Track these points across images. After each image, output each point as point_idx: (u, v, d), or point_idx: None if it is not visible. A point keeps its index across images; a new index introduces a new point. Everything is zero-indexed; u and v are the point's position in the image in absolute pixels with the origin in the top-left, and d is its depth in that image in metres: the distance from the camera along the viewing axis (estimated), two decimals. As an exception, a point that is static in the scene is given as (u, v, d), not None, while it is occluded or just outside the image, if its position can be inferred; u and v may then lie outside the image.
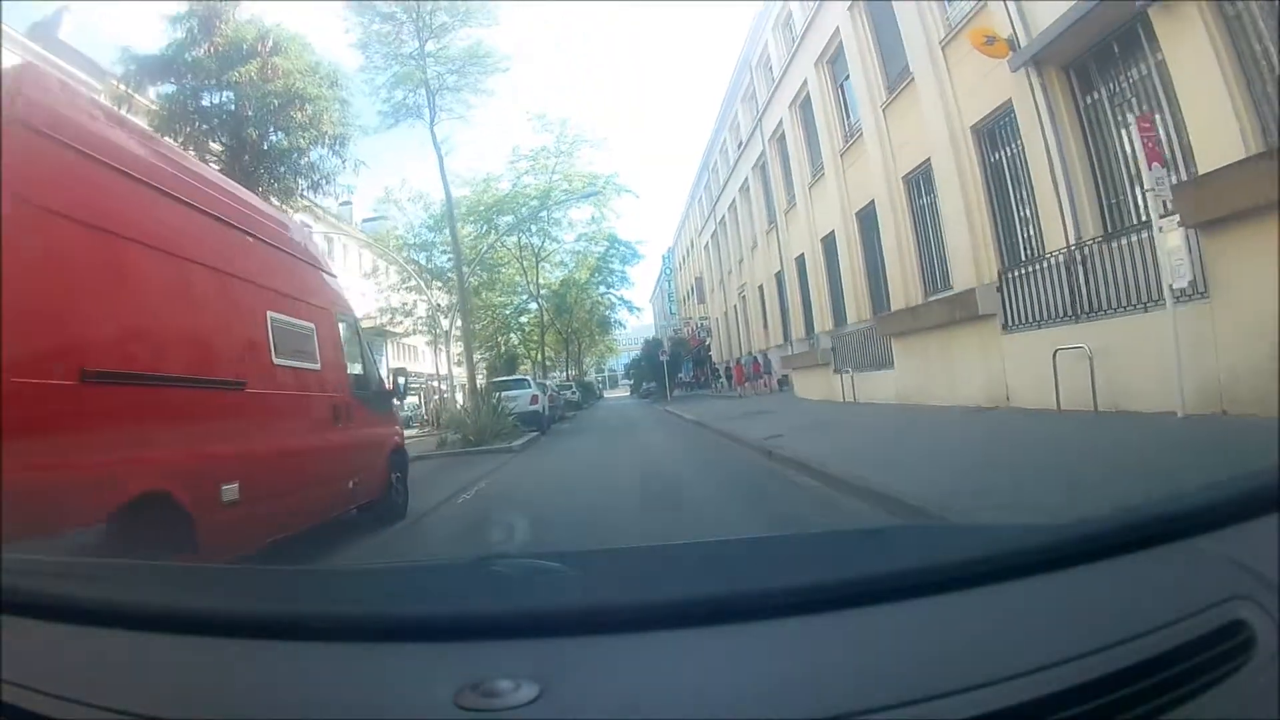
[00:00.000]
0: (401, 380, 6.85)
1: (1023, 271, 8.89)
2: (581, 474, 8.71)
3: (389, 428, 6.74)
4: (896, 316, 12.37)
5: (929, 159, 11.57)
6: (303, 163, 14.81)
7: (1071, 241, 8.09)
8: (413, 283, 25.34)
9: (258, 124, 14.05)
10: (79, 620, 0.88)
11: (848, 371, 14.23)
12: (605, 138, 33.67)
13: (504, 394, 15.88)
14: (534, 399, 17.36)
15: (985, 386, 9.52)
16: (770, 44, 20.69)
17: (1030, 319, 8.62)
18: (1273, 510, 0.86)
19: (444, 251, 27.13)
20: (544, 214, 29.86)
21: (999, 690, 0.64)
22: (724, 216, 32.02)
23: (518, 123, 62.16)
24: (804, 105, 18.30)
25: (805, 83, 17.39)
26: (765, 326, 26.39)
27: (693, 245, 44.36)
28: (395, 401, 7.08)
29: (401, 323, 29.09)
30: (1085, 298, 7.71)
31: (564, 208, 30.09)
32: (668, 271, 54.89)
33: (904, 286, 12.97)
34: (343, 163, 15.12)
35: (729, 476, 7.11)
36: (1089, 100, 8.39)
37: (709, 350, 40.29)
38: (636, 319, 47.49)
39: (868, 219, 14.82)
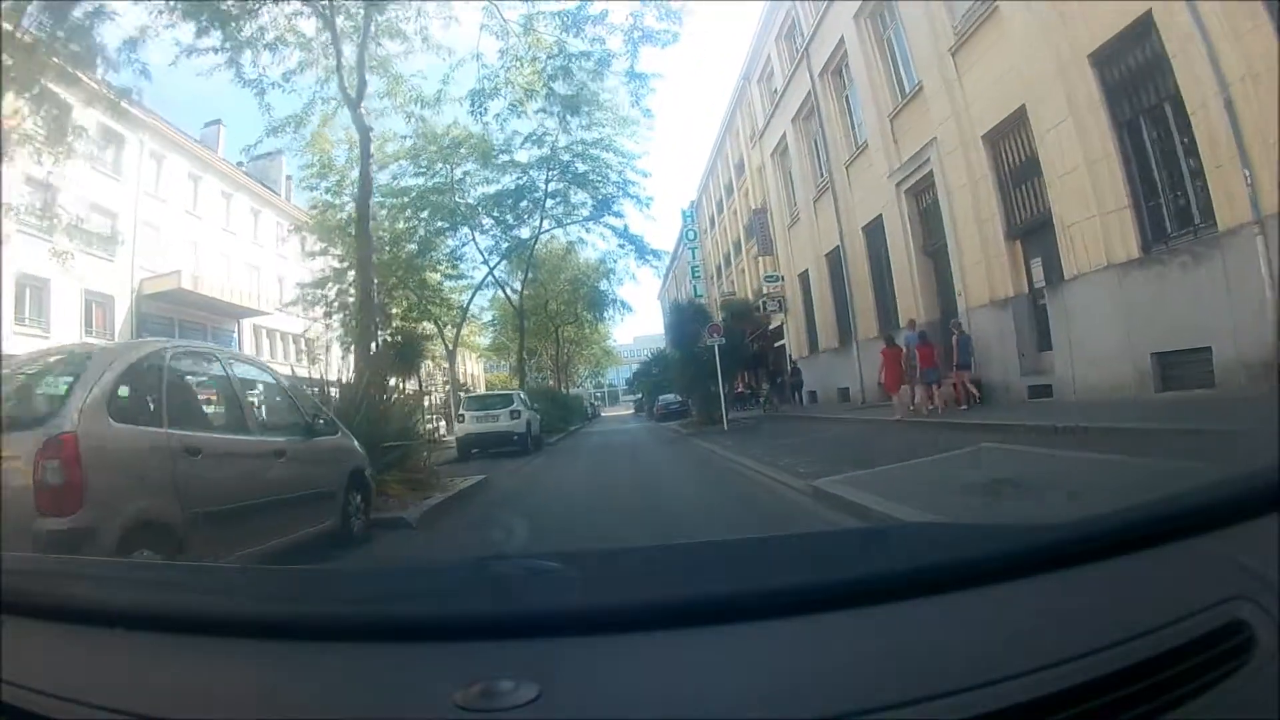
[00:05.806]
0: None
1: None
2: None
3: None
4: None
5: None
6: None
7: None
8: None
9: None
10: (79, 620, 0.88)
11: None
12: None
13: None
14: None
15: None
16: None
17: None
18: (1273, 510, 0.86)
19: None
20: None
21: (999, 690, 0.64)
22: (833, 59, 17.12)
23: None
24: None
25: None
26: (1010, 241, 11.46)
27: (740, 169, 29.38)
28: None
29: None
30: None
31: None
32: (691, 236, 36.84)
33: None
34: None
35: None
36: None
37: (778, 336, 24.33)
38: (651, 281, 28.89)
39: None
